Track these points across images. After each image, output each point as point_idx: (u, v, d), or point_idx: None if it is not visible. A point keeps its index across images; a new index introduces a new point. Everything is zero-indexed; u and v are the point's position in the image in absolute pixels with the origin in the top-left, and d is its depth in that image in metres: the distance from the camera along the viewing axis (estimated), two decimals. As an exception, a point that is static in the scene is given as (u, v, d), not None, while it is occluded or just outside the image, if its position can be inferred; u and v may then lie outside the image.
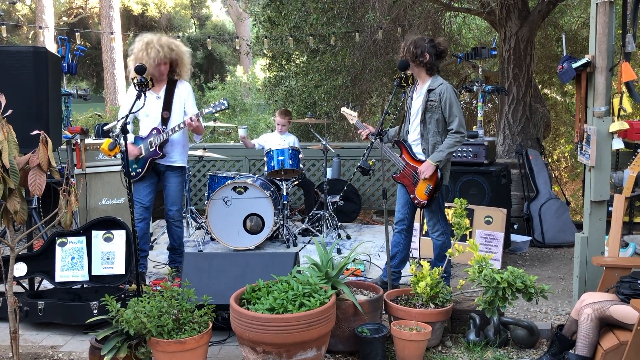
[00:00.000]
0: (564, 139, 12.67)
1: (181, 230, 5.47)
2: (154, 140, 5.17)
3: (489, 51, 6.35)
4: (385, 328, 3.84)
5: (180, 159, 5.32)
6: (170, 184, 5.30)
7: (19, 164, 3.24)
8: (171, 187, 5.30)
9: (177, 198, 5.34)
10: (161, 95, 5.24)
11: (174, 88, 5.27)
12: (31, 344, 4.10)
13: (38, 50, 4.40)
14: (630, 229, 6.09)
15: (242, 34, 18.62)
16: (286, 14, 9.27)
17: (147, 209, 5.30)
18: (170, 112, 5.23)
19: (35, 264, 4.61)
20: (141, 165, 5.23)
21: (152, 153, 5.19)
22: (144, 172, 5.22)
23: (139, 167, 5.23)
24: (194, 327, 3.52)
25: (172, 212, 5.33)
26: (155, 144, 5.16)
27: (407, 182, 4.71)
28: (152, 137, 5.18)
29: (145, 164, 5.22)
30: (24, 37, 21.10)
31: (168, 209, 5.33)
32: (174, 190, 5.31)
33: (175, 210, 5.33)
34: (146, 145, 5.19)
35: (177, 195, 5.34)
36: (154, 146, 5.17)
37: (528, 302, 3.88)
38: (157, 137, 5.16)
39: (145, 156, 5.21)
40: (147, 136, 5.21)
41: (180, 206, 5.39)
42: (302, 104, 10.87)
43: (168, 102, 5.25)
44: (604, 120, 4.02)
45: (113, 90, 17.34)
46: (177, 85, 5.29)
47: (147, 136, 5.21)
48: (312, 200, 7.25)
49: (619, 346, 3.21)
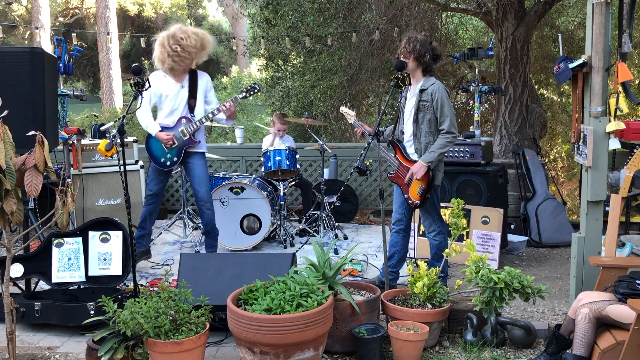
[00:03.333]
0: (560, 139, 12.69)
1: (212, 212, 5.49)
2: (186, 129, 5.28)
3: (486, 51, 6.36)
4: (382, 328, 3.84)
5: (205, 145, 5.50)
6: (196, 165, 5.39)
7: (15, 165, 3.24)
8: (197, 168, 5.39)
9: (204, 178, 5.41)
10: (185, 85, 5.34)
11: (196, 77, 5.40)
12: (28, 345, 4.09)
13: (34, 51, 4.40)
14: (627, 228, 6.10)
15: (238, 34, 18.61)
16: (283, 14, 9.27)
17: (157, 195, 5.46)
18: (195, 100, 5.36)
19: (31, 265, 4.60)
20: (176, 154, 5.35)
21: (188, 141, 5.32)
22: (180, 161, 5.36)
23: (174, 157, 5.35)
24: (191, 328, 3.52)
25: (201, 193, 5.38)
26: (189, 131, 5.28)
27: (401, 182, 4.72)
28: (184, 126, 5.29)
29: (180, 152, 5.35)
30: (20, 37, 21.06)
31: (196, 190, 5.39)
32: (200, 170, 5.40)
33: (204, 191, 5.38)
34: (178, 134, 5.29)
35: (204, 175, 5.42)
36: (188, 134, 5.28)
37: (525, 302, 3.89)
38: (189, 125, 5.29)
39: (180, 145, 5.31)
40: (177, 125, 5.32)
41: (208, 187, 5.45)
42: (298, 104, 10.88)
43: (193, 91, 5.36)
44: (600, 121, 4.02)
45: (109, 90, 17.31)
46: (198, 75, 5.42)
47: (177, 125, 5.32)
48: (309, 201, 7.25)
49: (616, 346, 3.21)
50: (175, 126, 5.31)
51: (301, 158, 7.39)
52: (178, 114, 5.32)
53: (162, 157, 5.35)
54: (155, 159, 5.37)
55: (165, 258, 6.15)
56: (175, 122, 5.32)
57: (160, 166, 5.36)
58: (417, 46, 4.58)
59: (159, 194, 5.51)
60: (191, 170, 5.41)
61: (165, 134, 5.25)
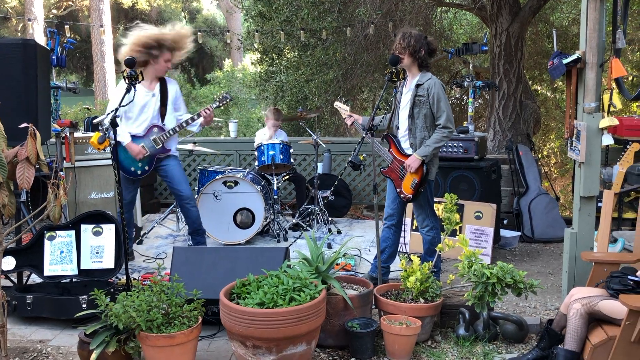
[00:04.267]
0: (554, 135, 12.73)
1: (197, 209, 5.45)
2: (159, 138, 5.22)
3: (480, 47, 6.36)
4: (375, 322, 3.84)
5: (176, 149, 5.44)
6: (170, 166, 5.34)
7: (7, 157, 3.22)
8: (172, 169, 5.34)
9: (182, 177, 5.36)
10: (157, 93, 5.27)
11: (166, 85, 5.34)
12: (19, 338, 4.08)
13: (27, 43, 4.37)
14: (619, 224, 6.12)
15: (232, 27, 18.55)
16: (277, 8, 9.23)
17: (132, 202, 5.44)
18: (166, 108, 5.30)
19: (23, 258, 4.58)
20: (147, 163, 5.28)
21: (160, 150, 5.27)
22: (151, 170, 5.31)
23: (145, 165, 5.28)
24: (184, 322, 3.51)
25: (183, 191, 5.33)
26: (162, 140, 5.23)
27: (395, 176, 4.72)
28: (156, 135, 5.23)
29: (152, 161, 5.29)
30: (13, 29, 20.91)
31: (177, 190, 5.33)
32: (176, 170, 5.35)
33: (185, 189, 5.33)
34: (149, 144, 5.22)
35: (181, 174, 5.37)
36: (161, 143, 5.23)
37: (517, 297, 3.90)
38: (162, 134, 5.22)
39: (152, 154, 5.25)
40: (148, 134, 5.24)
41: (188, 184, 5.41)
42: (292, 99, 10.85)
43: (164, 99, 5.30)
44: (594, 116, 4.03)
45: (103, 83, 17.23)
46: (168, 83, 5.36)
47: (148, 134, 5.24)
48: (303, 195, 7.25)
49: (608, 341, 3.23)
50: (146, 135, 5.23)
51: (295, 152, 7.38)
52: (148, 122, 5.25)
53: (132, 166, 5.25)
54: (124, 168, 5.22)
55: (158, 252, 6.14)
56: (145, 131, 5.24)
57: (131, 175, 5.27)
58: (412, 41, 4.57)
59: (133, 201, 5.50)
60: (167, 172, 5.35)
61: (137, 147, 5.15)
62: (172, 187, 5.37)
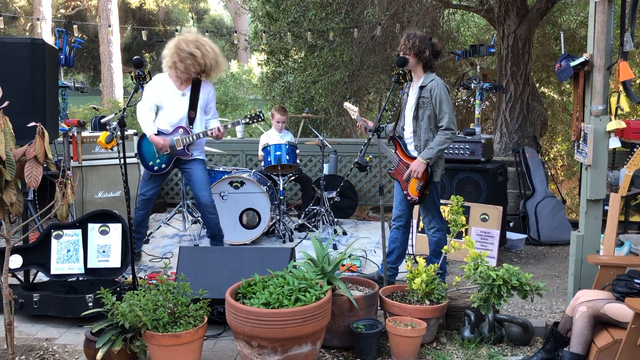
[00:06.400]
0: (560, 138, 12.69)
1: (216, 217, 5.44)
2: (182, 140, 5.23)
3: (487, 49, 6.36)
4: (380, 324, 3.85)
5: (202, 154, 5.43)
6: (195, 170, 5.34)
7: (15, 156, 3.23)
8: (196, 172, 5.34)
9: (204, 182, 5.34)
10: (187, 94, 5.27)
11: (199, 87, 5.31)
12: (26, 336, 4.10)
13: (35, 42, 4.39)
14: (626, 228, 6.11)
15: (240, 28, 18.55)
16: (285, 9, 9.26)
17: (150, 200, 5.41)
18: (195, 112, 5.28)
19: (30, 256, 4.60)
20: (165, 161, 5.31)
21: (180, 152, 5.27)
22: (169, 169, 5.31)
23: (163, 163, 5.31)
24: (189, 321, 3.52)
25: (203, 198, 5.32)
26: (184, 143, 5.23)
27: (401, 178, 4.72)
28: (180, 136, 5.24)
29: (170, 160, 5.30)
30: (21, 28, 21.01)
31: (197, 195, 5.32)
32: (200, 175, 5.34)
33: (207, 196, 5.32)
34: (172, 142, 5.23)
35: (205, 180, 5.35)
36: (182, 146, 5.24)
37: (523, 299, 3.89)
38: (185, 137, 5.23)
39: (171, 153, 5.26)
40: (173, 132, 5.26)
41: (209, 191, 5.39)
42: (299, 100, 10.86)
43: (194, 102, 5.29)
44: (601, 119, 4.02)
45: (110, 83, 17.30)
46: (202, 85, 5.32)
47: (173, 132, 5.26)
48: (309, 196, 7.25)
49: (613, 344, 3.22)
50: (172, 133, 5.26)
51: (301, 153, 7.39)
52: (176, 122, 5.27)
53: (150, 160, 5.32)
54: (144, 161, 5.34)
55: (164, 251, 6.16)
56: (172, 129, 5.27)
57: (148, 169, 5.34)
58: (417, 42, 4.57)
59: (152, 199, 5.47)
60: (191, 175, 5.36)
61: (161, 139, 5.19)
62: (193, 192, 5.38)
